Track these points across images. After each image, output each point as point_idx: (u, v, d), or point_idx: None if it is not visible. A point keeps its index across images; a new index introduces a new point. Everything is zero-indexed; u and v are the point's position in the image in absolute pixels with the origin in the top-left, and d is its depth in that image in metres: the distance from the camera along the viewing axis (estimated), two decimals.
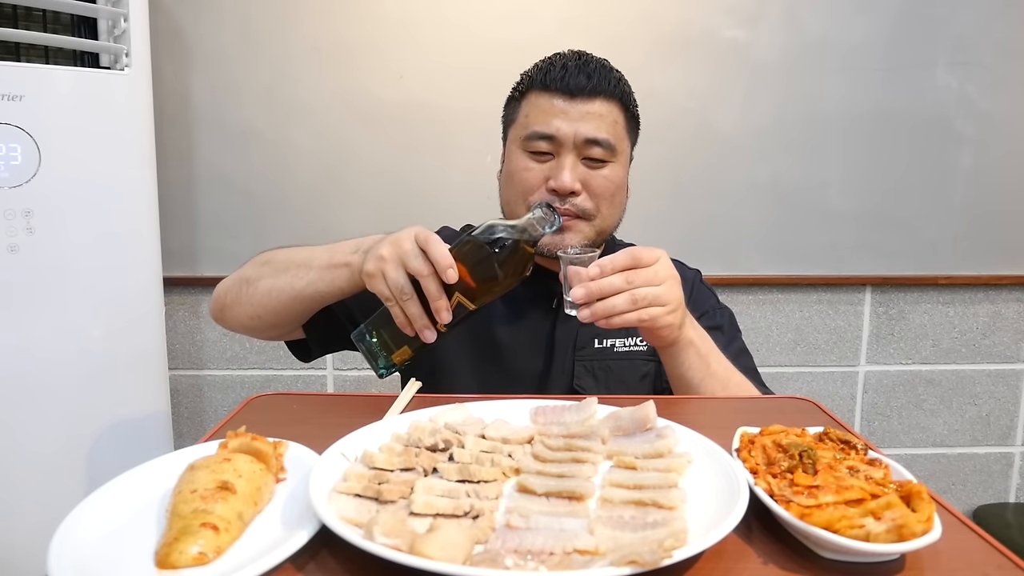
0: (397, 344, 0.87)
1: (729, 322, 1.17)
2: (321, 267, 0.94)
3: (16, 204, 1.22)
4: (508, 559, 0.49)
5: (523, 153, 1.06)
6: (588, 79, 1.03)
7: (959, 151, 1.89)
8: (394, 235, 0.85)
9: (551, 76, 1.04)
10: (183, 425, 1.90)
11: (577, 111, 1.02)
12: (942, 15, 1.83)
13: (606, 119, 1.03)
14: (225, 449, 0.62)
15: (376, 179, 1.81)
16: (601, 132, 1.03)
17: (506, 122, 1.13)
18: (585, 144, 1.02)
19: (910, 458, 2.04)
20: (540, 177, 1.04)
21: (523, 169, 1.05)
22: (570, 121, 1.02)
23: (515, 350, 1.11)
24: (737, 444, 0.67)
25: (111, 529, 0.55)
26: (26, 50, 1.32)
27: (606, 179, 1.05)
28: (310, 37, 1.76)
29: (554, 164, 1.04)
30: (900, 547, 0.50)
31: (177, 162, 1.77)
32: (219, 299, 1.06)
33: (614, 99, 1.05)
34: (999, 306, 2.00)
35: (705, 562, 0.52)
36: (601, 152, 1.03)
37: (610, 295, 0.84)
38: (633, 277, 0.85)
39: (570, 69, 1.03)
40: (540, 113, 1.04)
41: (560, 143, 1.03)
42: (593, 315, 0.84)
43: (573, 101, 1.03)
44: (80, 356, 1.31)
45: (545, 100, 1.04)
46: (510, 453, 0.68)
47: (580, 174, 1.03)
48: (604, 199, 1.05)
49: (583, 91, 1.02)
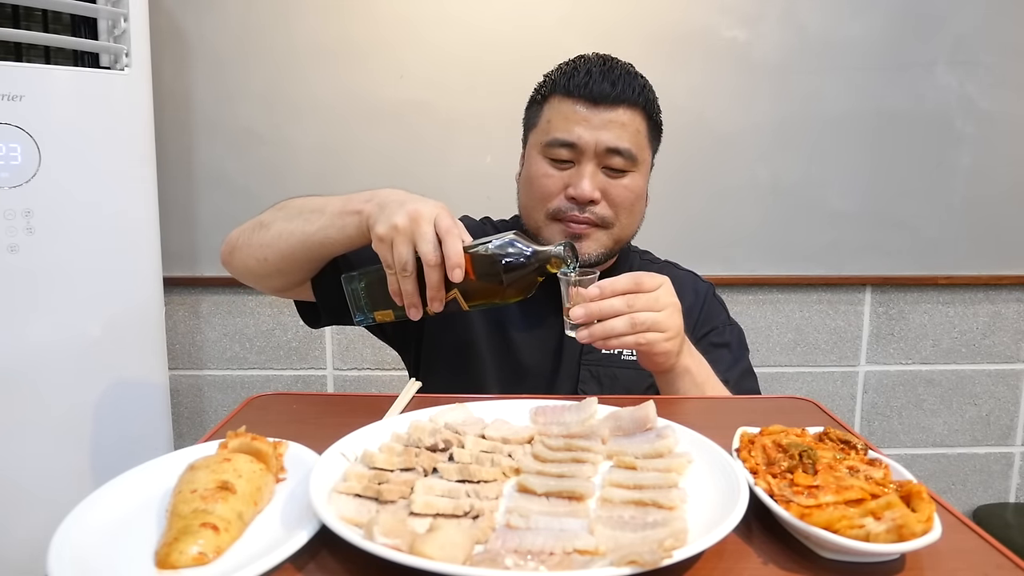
0: (382, 305, 0.88)
1: (737, 340, 1.16)
2: (334, 213, 0.92)
3: (16, 204, 1.22)
4: (508, 559, 0.49)
5: (543, 159, 1.05)
6: (612, 86, 1.01)
7: (959, 151, 1.89)
8: (414, 205, 0.82)
9: (575, 82, 1.02)
10: (183, 425, 1.90)
11: (599, 119, 1.01)
12: (942, 15, 1.83)
13: (628, 128, 1.02)
14: (225, 449, 0.62)
15: (376, 179, 1.80)
16: (623, 141, 1.01)
17: (527, 125, 1.12)
18: (606, 153, 1.01)
19: (910, 458, 2.04)
20: (560, 184, 1.03)
21: (543, 176, 1.04)
22: (592, 129, 1.01)
23: (527, 346, 1.10)
24: (737, 444, 0.67)
25: (111, 529, 0.55)
26: (26, 50, 1.32)
27: (626, 188, 1.04)
28: (310, 37, 1.76)
29: (574, 172, 1.02)
30: (900, 547, 0.50)
31: (177, 162, 1.78)
32: (230, 241, 1.03)
33: (637, 107, 1.03)
34: (999, 306, 2.00)
35: (705, 562, 0.52)
36: (622, 162, 1.02)
37: (609, 317, 0.83)
38: (634, 301, 0.84)
39: (594, 75, 1.01)
40: (562, 120, 1.03)
41: (581, 151, 1.01)
42: (591, 336, 0.84)
43: (596, 109, 1.01)
44: (80, 356, 1.31)
45: (568, 106, 1.02)
46: (510, 453, 0.68)
47: (600, 183, 1.02)
48: (623, 208, 1.04)
49: (607, 99, 1.01)
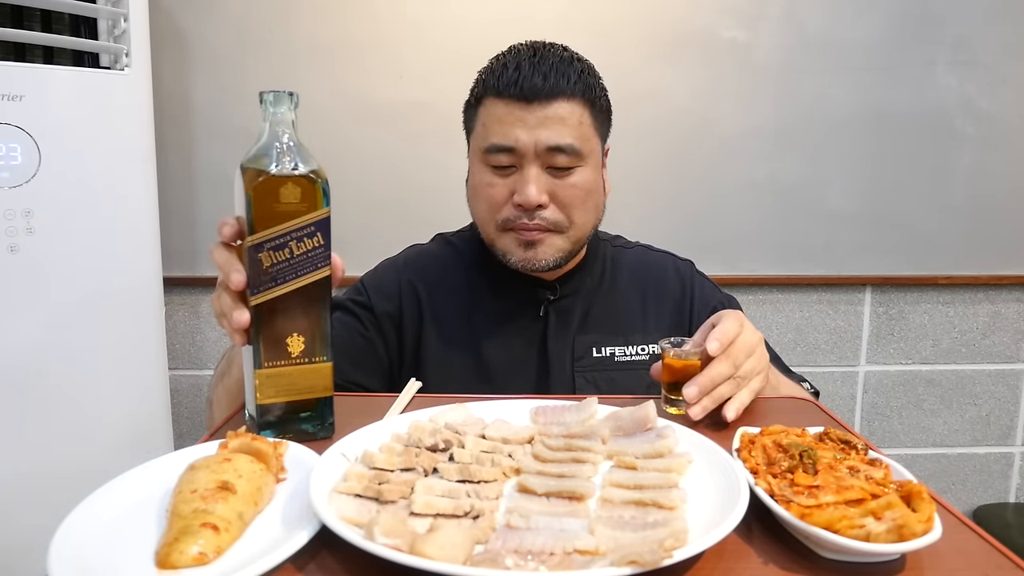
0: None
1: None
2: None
3: (16, 204, 1.21)
4: (508, 559, 0.49)
5: (485, 167, 0.99)
6: (544, 80, 0.93)
7: (959, 151, 1.89)
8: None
9: (504, 80, 0.95)
10: (183, 425, 1.89)
11: (535, 117, 0.94)
12: (942, 14, 1.83)
13: (568, 121, 0.95)
14: (225, 449, 0.62)
15: (376, 179, 1.81)
16: (564, 138, 0.94)
17: (466, 129, 1.06)
18: (548, 152, 0.95)
19: (910, 458, 2.04)
20: (505, 193, 0.98)
21: (486, 185, 0.99)
22: (529, 129, 0.94)
23: (509, 368, 1.05)
24: (737, 444, 0.67)
25: (111, 529, 0.55)
26: (27, 50, 1.31)
27: (574, 187, 0.97)
28: (310, 37, 1.76)
29: (518, 177, 0.96)
30: (900, 547, 0.50)
31: (177, 162, 1.77)
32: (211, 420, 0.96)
33: (576, 97, 0.96)
34: (999, 306, 2.00)
35: (705, 562, 0.52)
36: (566, 159, 0.95)
37: (719, 385, 0.79)
38: (735, 358, 0.79)
39: (523, 70, 0.94)
40: (496, 123, 0.96)
41: (521, 154, 0.95)
42: (704, 411, 0.78)
43: (530, 106, 0.94)
44: (80, 356, 1.31)
45: (501, 107, 0.96)
46: (510, 453, 0.68)
47: (545, 185, 0.96)
48: (575, 208, 0.98)
49: (540, 94, 0.93)
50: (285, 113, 0.70)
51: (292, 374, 0.71)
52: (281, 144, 0.69)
